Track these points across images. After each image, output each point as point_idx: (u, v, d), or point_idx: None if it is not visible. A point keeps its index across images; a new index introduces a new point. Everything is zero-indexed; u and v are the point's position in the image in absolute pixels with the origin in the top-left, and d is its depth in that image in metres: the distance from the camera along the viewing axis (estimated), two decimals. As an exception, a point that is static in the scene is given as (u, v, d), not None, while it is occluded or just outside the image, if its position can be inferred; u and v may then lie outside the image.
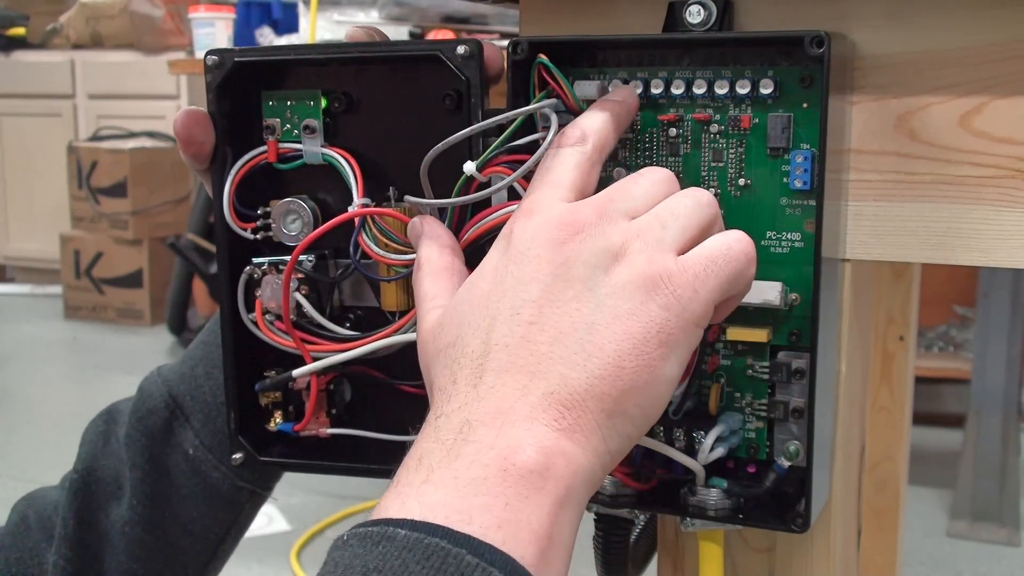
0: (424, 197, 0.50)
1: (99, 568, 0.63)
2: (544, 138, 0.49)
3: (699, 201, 0.45)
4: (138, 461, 0.62)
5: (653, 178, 0.45)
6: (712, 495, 0.50)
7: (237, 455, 0.58)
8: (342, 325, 0.56)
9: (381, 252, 0.53)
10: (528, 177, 0.50)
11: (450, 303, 0.45)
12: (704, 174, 0.50)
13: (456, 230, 0.51)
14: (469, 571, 0.35)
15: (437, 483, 0.38)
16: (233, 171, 0.56)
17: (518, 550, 0.36)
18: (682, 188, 0.46)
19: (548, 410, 0.40)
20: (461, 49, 0.51)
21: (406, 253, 0.53)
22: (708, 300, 0.42)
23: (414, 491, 0.38)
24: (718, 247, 0.43)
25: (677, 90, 0.50)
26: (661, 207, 0.44)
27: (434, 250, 0.48)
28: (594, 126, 0.47)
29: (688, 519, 0.52)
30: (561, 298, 0.42)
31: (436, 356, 0.44)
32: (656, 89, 0.50)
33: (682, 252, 0.43)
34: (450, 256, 0.48)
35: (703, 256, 0.43)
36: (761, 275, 0.47)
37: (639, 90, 0.50)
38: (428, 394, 0.44)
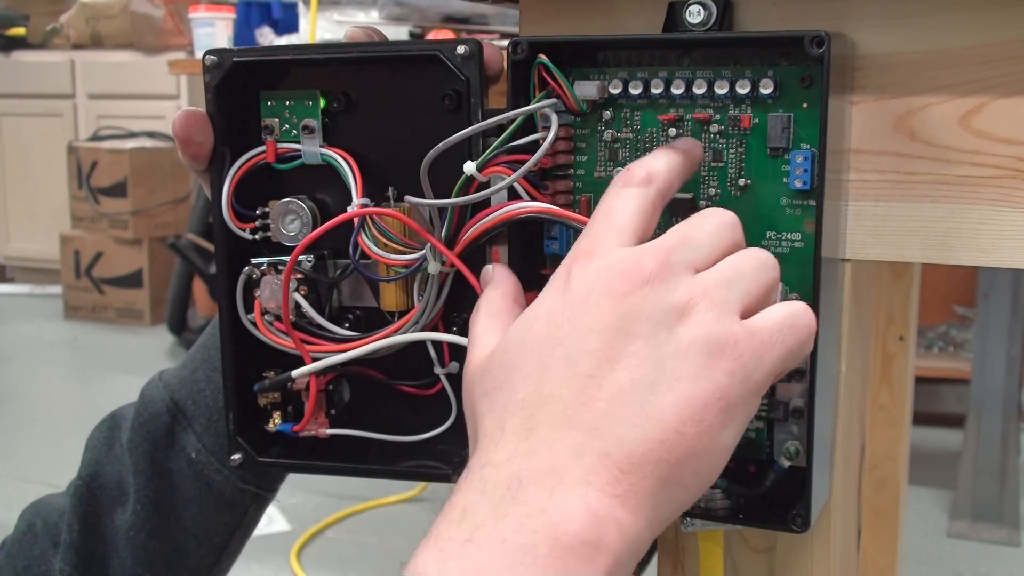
0: (424, 197, 0.50)
1: (104, 574, 0.63)
2: (544, 138, 0.49)
3: (763, 263, 0.43)
4: (141, 466, 0.62)
5: (717, 222, 0.44)
6: (712, 495, 0.50)
7: (236, 456, 0.58)
8: (341, 325, 0.56)
9: (380, 252, 0.53)
10: (528, 177, 0.50)
11: (500, 343, 0.44)
12: (704, 174, 0.50)
13: (456, 230, 0.51)
14: None
15: (482, 544, 0.36)
16: (232, 171, 0.56)
17: None
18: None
19: (603, 473, 0.38)
20: (461, 49, 0.51)
21: (405, 253, 0.53)
22: (771, 370, 0.41)
23: (456, 550, 0.37)
24: (785, 317, 0.42)
25: (677, 90, 0.50)
26: (725, 265, 0.43)
27: (496, 293, 0.48)
28: (661, 169, 0.45)
29: (688, 519, 0.51)
30: (622, 354, 0.40)
31: (483, 397, 0.43)
32: (656, 89, 0.50)
33: (744, 315, 0.42)
34: (511, 303, 0.47)
35: (770, 324, 0.42)
36: (761, 275, 0.47)
37: (639, 90, 0.50)
38: (470, 434, 0.43)
